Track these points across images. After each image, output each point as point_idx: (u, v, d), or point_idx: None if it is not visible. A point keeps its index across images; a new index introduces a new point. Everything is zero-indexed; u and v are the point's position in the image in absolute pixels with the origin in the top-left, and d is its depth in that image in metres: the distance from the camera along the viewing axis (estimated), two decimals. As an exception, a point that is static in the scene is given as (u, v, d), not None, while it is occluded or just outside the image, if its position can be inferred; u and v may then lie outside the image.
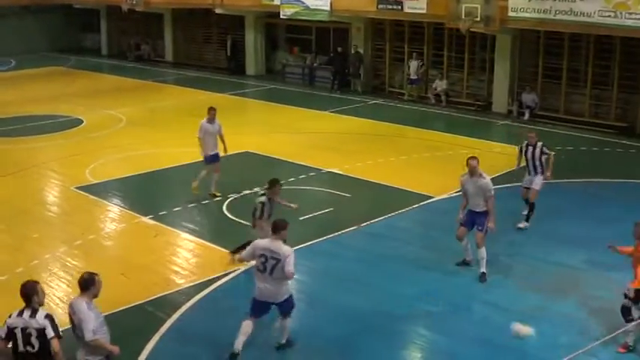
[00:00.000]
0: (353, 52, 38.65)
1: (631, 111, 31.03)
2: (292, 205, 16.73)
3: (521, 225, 18.96)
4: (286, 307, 12.79)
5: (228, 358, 12.49)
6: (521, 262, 16.88)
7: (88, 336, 9.93)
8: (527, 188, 19.13)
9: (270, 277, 12.19)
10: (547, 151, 18.98)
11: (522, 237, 18.30)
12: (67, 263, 16.78)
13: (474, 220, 16.02)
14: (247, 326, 12.60)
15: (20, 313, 9.79)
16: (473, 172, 15.86)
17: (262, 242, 12.36)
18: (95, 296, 10.24)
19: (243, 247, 14.14)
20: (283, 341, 13.12)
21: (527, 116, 32.11)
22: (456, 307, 14.64)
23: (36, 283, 10.10)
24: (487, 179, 15.91)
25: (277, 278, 12.20)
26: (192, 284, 15.63)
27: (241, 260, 13.33)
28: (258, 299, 12.51)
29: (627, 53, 30.58)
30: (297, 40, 44.52)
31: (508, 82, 33.59)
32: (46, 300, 14.34)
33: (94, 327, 9.98)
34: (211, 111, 21.35)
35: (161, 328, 13.64)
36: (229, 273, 16.05)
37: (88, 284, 10.16)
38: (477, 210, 15.91)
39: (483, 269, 15.90)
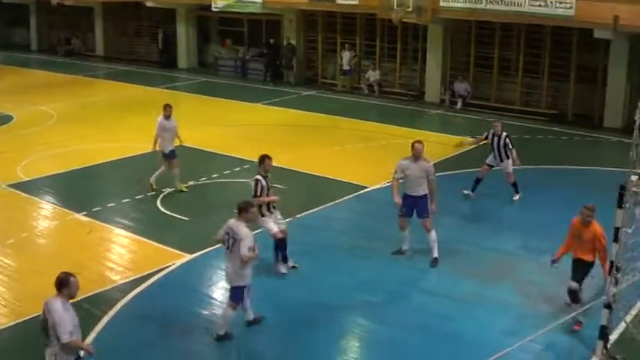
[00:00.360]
0: (285, 43, 38.59)
1: (561, 99, 31.50)
2: (279, 185, 16.77)
3: (516, 197, 20.19)
4: (232, 294, 12.90)
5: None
6: (456, 249, 16.99)
7: (65, 338, 9.79)
8: (490, 166, 20.10)
9: (232, 256, 12.58)
10: (509, 145, 19.84)
11: (457, 224, 18.44)
12: (0, 262, 16.49)
13: (413, 206, 16.08)
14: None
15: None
16: (418, 155, 16.02)
17: (230, 221, 12.68)
18: (71, 297, 10.16)
19: None
20: (219, 332, 13.00)
21: (459, 105, 32.38)
22: (393, 295, 14.69)
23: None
24: (430, 162, 16.22)
25: (235, 259, 12.51)
26: (127, 280, 15.46)
27: (218, 240, 13.13)
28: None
29: (557, 42, 31.00)
30: (229, 32, 44.28)
31: (440, 72, 33.81)
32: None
33: (70, 329, 9.87)
34: (167, 108, 21.01)
35: (97, 326, 13.46)
36: (164, 268, 15.92)
37: (62, 284, 10.10)
38: (417, 194, 16.00)
39: (435, 254, 16.13)
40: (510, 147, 19.89)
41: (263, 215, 15.42)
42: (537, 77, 31.94)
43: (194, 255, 16.59)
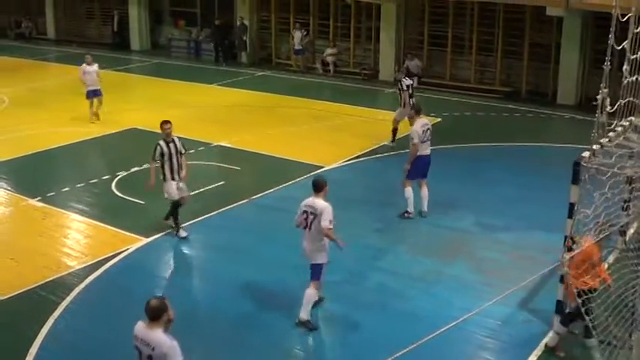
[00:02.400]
0: (239, 23, 38.40)
1: (515, 76, 31.70)
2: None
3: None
4: (313, 272, 12.95)
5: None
6: (412, 227, 17.08)
7: None
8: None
9: (310, 234, 12.72)
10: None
11: (412, 203, 18.49)
12: (-47, 250, 16.34)
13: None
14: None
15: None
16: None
17: (306, 200, 12.88)
18: (170, 322, 8.79)
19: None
20: (303, 317, 12.94)
21: (415, 83, 32.41)
22: (350, 274, 14.72)
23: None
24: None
25: (314, 236, 12.67)
26: (83, 265, 15.33)
27: (298, 225, 13.05)
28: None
29: (510, 20, 31.18)
30: (182, 13, 43.97)
31: (394, 51, 33.85)
32: None
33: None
34: (87, 57, 27.19)
35: (54, 312, 13.36)
36: (120, 252, 15.83)
37: (161, 310, 8.74)
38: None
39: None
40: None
41: (165, 180, 16.50)
42: (491, 55, 32.11)
43: (150, 238, 16.52)
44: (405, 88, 22.95)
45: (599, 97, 11.23)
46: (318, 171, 20.81)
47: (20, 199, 19.34)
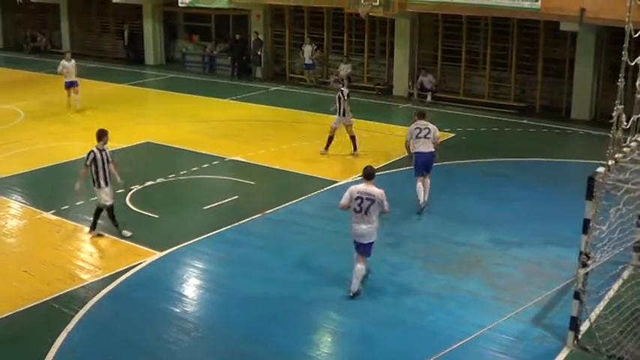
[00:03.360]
0: (254, 38, 38.52)
1: (529, 91, 31.68)
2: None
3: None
4: (368, 250, 14.50)
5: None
6: (426, 243, 17.06)
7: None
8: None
9: (367, 217, 14.18)
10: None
11: (426, 218, 18.46)
12: (-32, 262, 16.38)
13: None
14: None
15: None
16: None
17: (358, 187, 14.45)
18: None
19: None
20: (355, 289, 14.34)
21: (429, 99, 32.45)
22: (365, 290, 14.66)
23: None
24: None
25: (370, 219, 14.24)
26: (97, 279, 15.35)
27: (343, 207, 14.67)
28: (353, 239, 14.64)
29: (524, 35, 31.18)
30: (196, 28, 44.16)
31: (408, 66, 33.88)
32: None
33: None
34: (67, 54, 31.86)
35: (68, 325, 13.37)
36: (134, 266, 15.84)
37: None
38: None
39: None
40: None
41: (100, 187, 17.33)
42: (505, 70, 32.09)
43: (164, 252, 16.52)
44: (345, 97, 24.02)
45: (614, 114, 11.22)
46: (332, 186, 20.83)
47: (34, 212, 19.38)
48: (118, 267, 15.81)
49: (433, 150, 18.65)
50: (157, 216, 18.82)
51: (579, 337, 12.28)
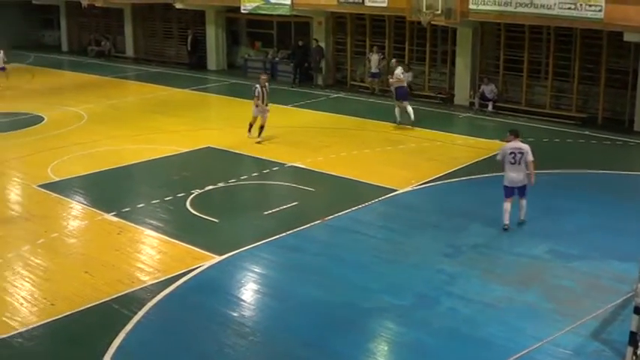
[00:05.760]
0: (314, 46, 38.64)
1: (591, 102, 31.31)
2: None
3: None
4: (524, 190, 18.07)
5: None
6: (485, 254, 16.94)
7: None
8: None
9: (519, 167, 17.78)
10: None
11: (485, 229, 18.33)
12: (31, 262, 16.60)
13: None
14: (507, 205, 18.09)
15: None
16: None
17: (510, 144, 17.99)
18: None
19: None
20: (522, 218, 18.28)
21: (490, 108, 32.24)
22: (421, 299, 14.65)
23: None
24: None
25: (522, 168, 17.85)
26: (156, 281, 15.51)
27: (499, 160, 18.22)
28: (508, 185, 18.02)
29: (587, 45, 30.84)
30: (258, 34, 44.40)
31: (469, 75, 33.72)
32: (9, 299, 14.36)
33: None
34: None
35: (126, 326, 13.53)
36: (193, 269, 15.97)
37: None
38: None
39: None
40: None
41: None
42: (567, 81, 31.79)
43: (223, 256, 16.63)
44: (256, 94, 26.80)
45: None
46: (391, 194, 20.81)
47: (96, 214, 19.64)
48: (177, 270, 15.96)
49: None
50: (216, 220, 18.95)
51: (638, 352, 12.12)
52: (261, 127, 27.01)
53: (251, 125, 27.15)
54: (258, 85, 27.26)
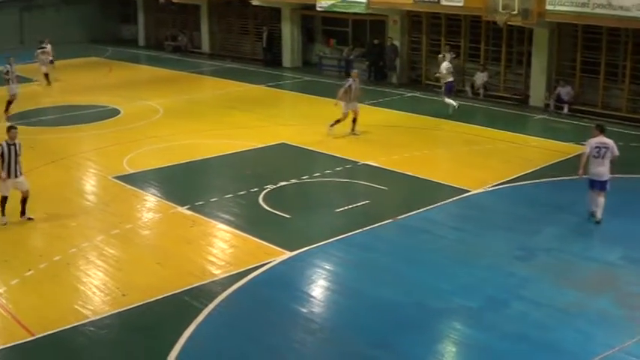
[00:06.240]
0: (388, 44, 38.57)
1: (670, 107, 30.82)
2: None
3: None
4: (606, 184, 18.30)
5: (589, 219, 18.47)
6: (557, 258, 16.76)
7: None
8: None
9: (603, 161, 18.16)
10: None
11: (559, 233, 18.15)
12: (104, 252, 16.88)
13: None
14: (592, 194, 18.52)
15: None
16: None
17: (595, 139, 18.33)
18: None
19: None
20: (599, 217, 18.35)
21: (566, 110, 31.86)
22: (492, 302, 14.57)
23: None
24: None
25: (606, 163, 18.20)
26: (228, 275, 15.66)
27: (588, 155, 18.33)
28: (592, 179, 18.37)
29: (666, 48, 30.35)
30: (333, 32, 44.44)
31: (545, 76, 33.35)
32: (82, 288, 14.62)
33: None
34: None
35: (197, 318, 13.69)
36: (264, 264, 16.08)
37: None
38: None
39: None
40: None
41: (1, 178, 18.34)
42: (645, 84, 31.32)
43: (294, 252, 16.72)
44: (347, 86, 27.27)
45: None
46: (464, 195, 20.69)
47: (170, 207, 19.88)
48: (248, 264, 16.09)
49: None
50: (288, 216, 19.04)
51: None
52: (354, 121, 27.61)
53: (338, 121, 27.36)
54: (350, 79, 27.74)
